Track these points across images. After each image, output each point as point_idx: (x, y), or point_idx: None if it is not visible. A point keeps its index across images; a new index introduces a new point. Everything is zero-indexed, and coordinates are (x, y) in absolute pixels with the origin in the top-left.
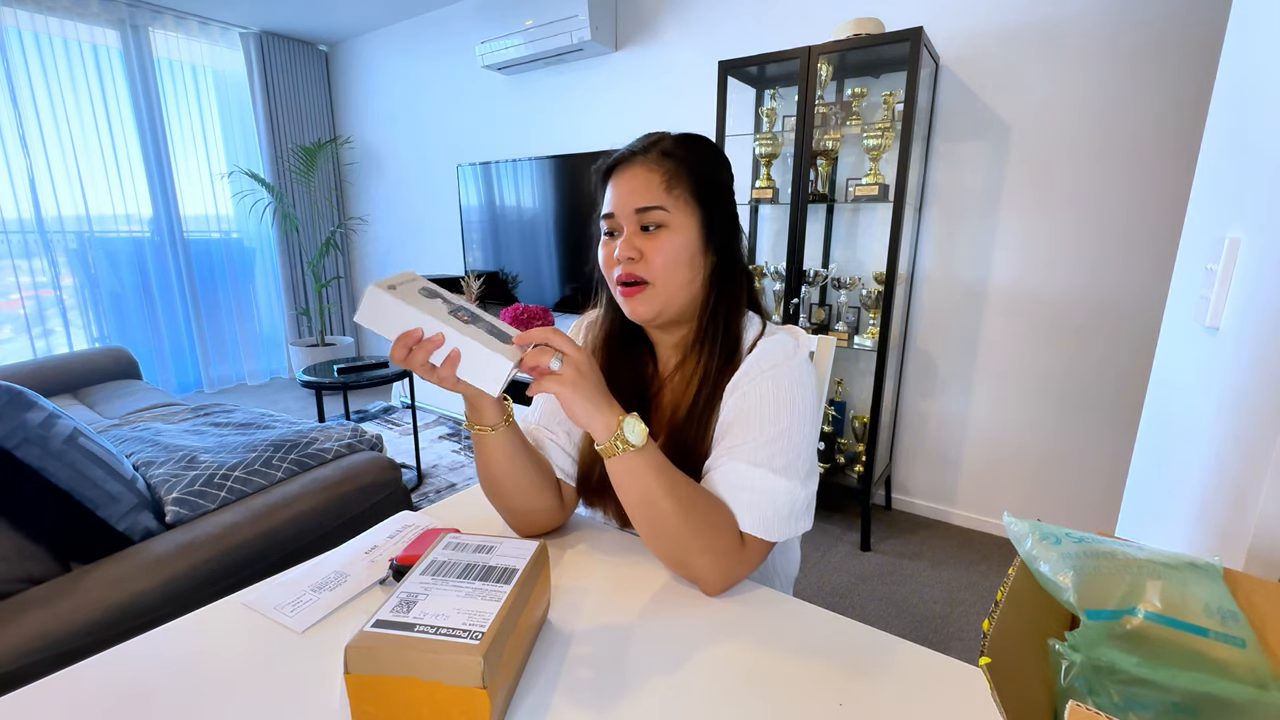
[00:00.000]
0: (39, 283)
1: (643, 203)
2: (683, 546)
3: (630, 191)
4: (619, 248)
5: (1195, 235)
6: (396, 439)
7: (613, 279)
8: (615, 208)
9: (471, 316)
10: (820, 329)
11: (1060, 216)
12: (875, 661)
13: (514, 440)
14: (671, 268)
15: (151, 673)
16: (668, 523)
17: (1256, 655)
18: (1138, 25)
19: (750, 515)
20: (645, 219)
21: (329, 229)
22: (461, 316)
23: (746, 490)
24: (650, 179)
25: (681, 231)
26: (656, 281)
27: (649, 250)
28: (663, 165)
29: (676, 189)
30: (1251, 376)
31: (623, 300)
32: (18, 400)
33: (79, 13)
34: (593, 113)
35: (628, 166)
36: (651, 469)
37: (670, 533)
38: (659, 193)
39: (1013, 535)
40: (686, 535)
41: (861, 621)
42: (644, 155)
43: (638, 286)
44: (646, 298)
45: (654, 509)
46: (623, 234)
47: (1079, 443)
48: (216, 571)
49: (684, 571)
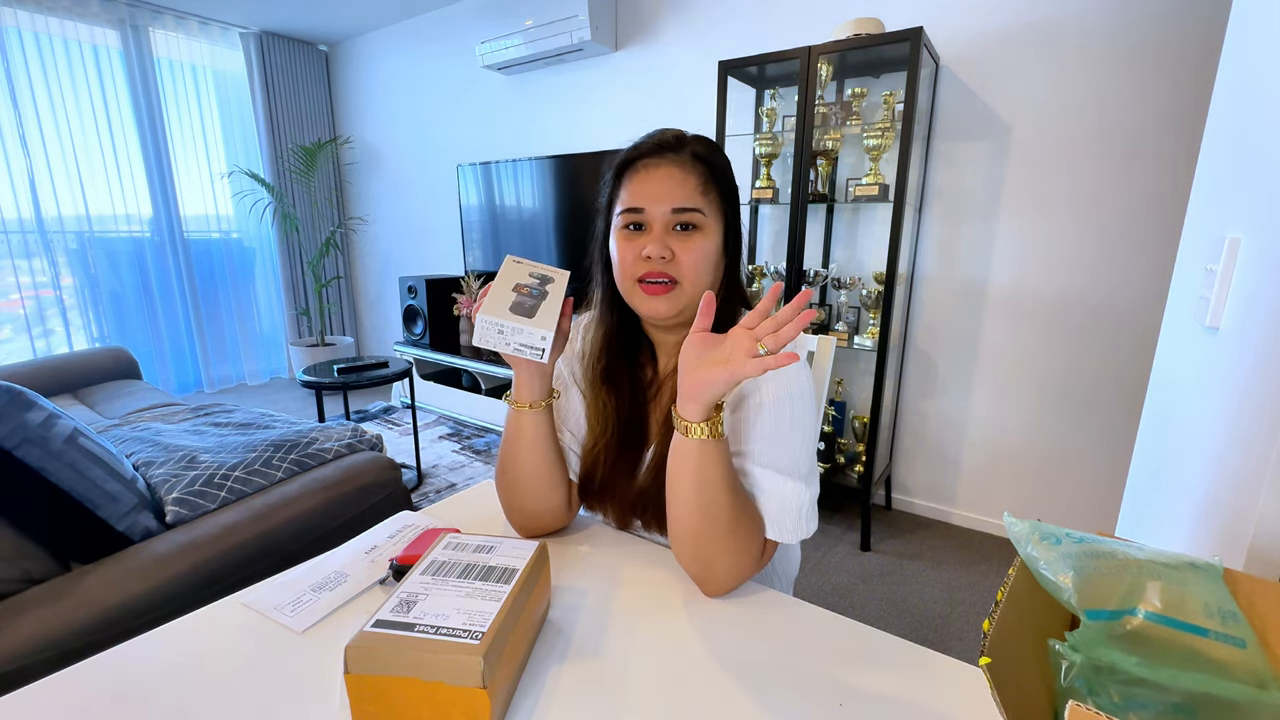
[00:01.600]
0: (39, 283)
1: (681, 203)
2: (719, 545)
3: (667, 191)
4: (651, 245)
5: (1195, 235)
6: (396, 439)
7: (633, 275)
8: (646, 203)
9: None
10: (820, 329)
11: (1060, 216)
12: (875, 661)
13: (544, 427)
14: (700, 269)
15: (151, 673)
16: (717, 520)
17: (1256, 655)
18: (1138, 25)
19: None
20: (682, 219)
21: (329, 229)
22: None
23: (757, 493)
24: (687, 180)
25: (711, 235)
26: (685, 281)
27: (680, 250)
28: (698, 168)
29: (711, 193)
30: (1251, 376)
31: (644, 298)
32: (18, 400)
33: (79, 13)
34: (593, 113)
35: (658, 164)
36: (720, 460)
37: (715, 530)
38: (696, 195)
39: (1013, 535)
40: (726, 535)
41: (861, 621)
42: (676, 155)
43: (664, 286)
44: (673, 297)
45: (709, 503)
46: (648, 230)
47: (1079, 443)
48: (216, 571)
49: (700, 568)
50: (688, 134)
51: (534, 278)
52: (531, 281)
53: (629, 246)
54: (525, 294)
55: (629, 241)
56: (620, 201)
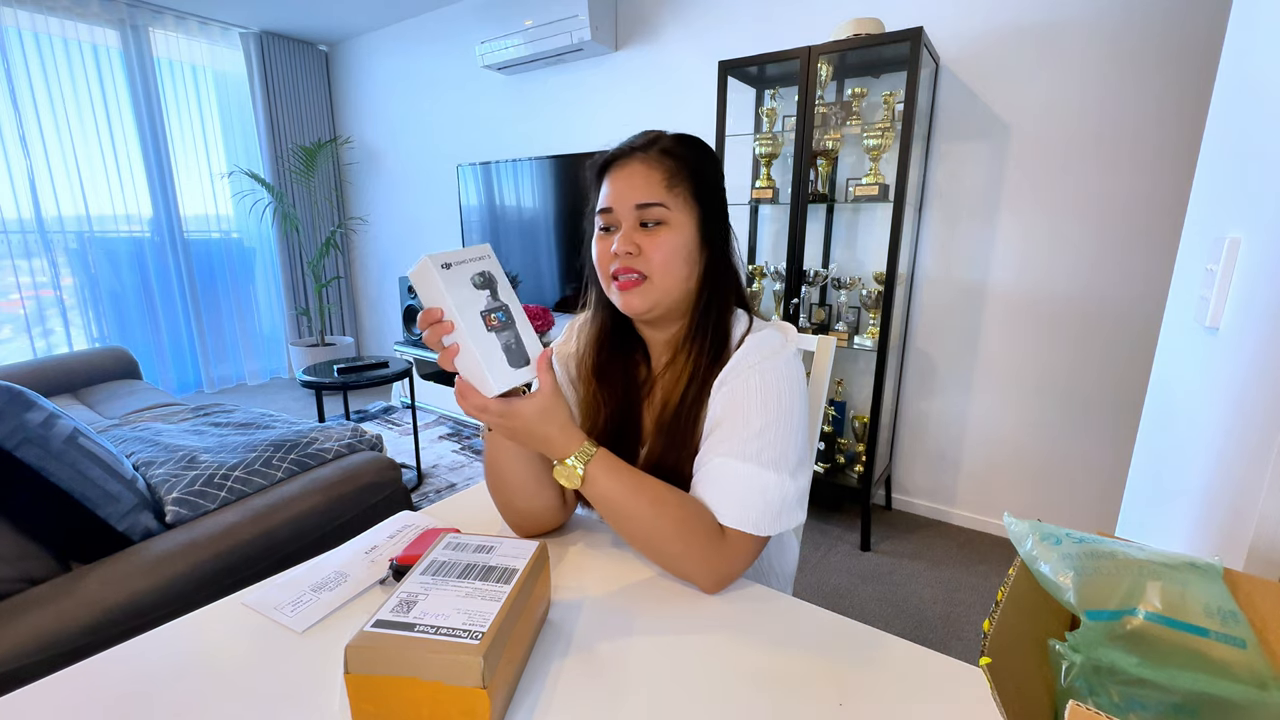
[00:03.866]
0: (39, 283)
1: (643, 199)
2: (662, 548)
3: (631, 188)
4: (617, 242)
5: (1195, 235)
6: (396, 439)
7: (608, 273)
8: (614, 203)
9: (503, 322)
10: (820, 329)
11: (1060, 216)
12: (875, 661)
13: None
14: (670, 264)
15: (151, 673)
16: (640, 526)
17: (1256, 655)
18: (1138, 25)
19: (735, 510)
20: (646, 215)
21: (329, 229)
22: (491, 320)
23: (732, 484)
24: (651, 176)
25: (680, 229)
26: (654, 276)
27: (648, 246)
28: (664, 163)
29: (677, 187)
30: (1251, 376)
31: (617, 294)
32: (18, 400)
33: (79, 13)
34: (593, 113)
35: (627, 163)
36: (607, 475)
37: (645, 535)
38: (660, 190)
39: (1013, 535)
40: (661, 536)
41: (861, 621)
42: (644, 152)
43: (634, 281)
44: (643, 291)
45: (622, 515)
46: (620, 229)
47: (1079, 443)
48: (216, 571)
49: (675, 571)
50: (667, 133)
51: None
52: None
53: (602, 245)
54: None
55: (602, 241)
56: (594, 203)
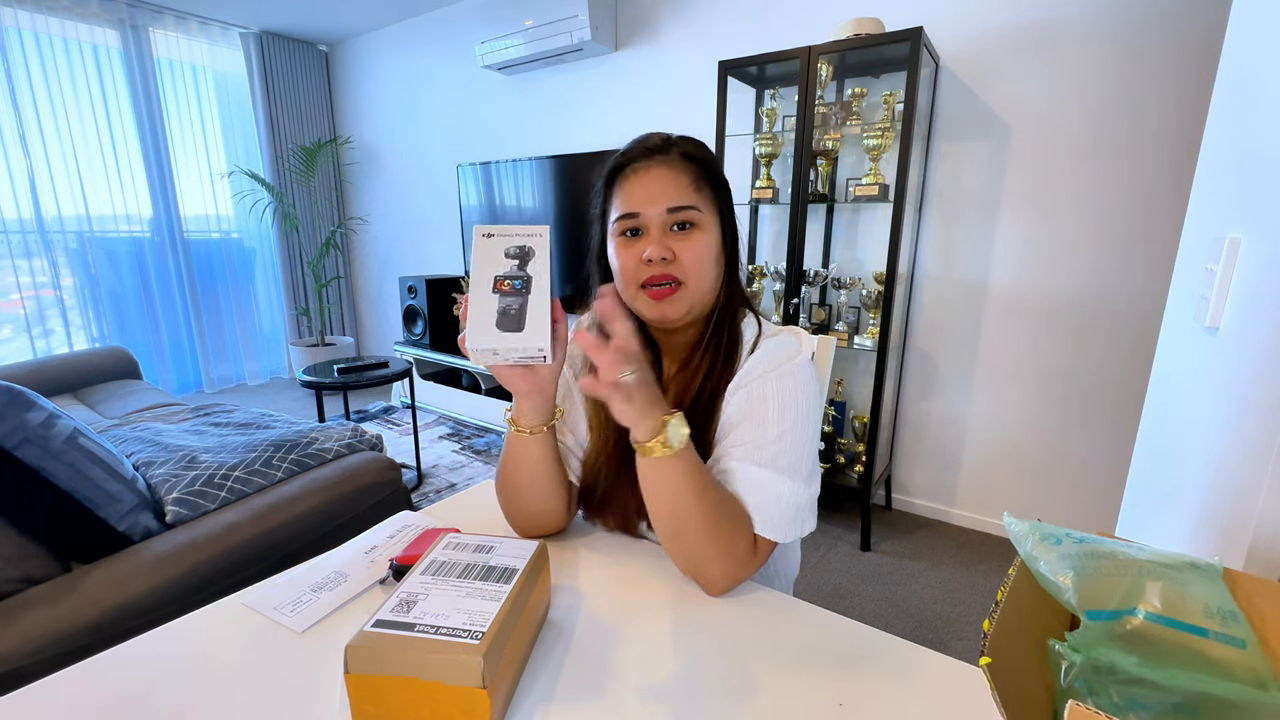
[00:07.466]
0: (39, 283)
1: (676, 202)
2: (701, 550)
3: (661, 191)
4: (651, 249)
5: (1195, 235)
6: (396, 439)
7: (635, 281)
8: (641, 206)
9: (515, 290)
10: (820, 329)
11: (1060, 216)
12: (875, 661)
13: (547, 448)
14: (704, 267)
15: (151, 673)
16: (691, 526)
17: (1256, 655)
18: (1138, 25)
19: (758, 516)
20: (679, 218)
21: (329, 229)
22: (502, 284)
23: (755, 490)
24: (679, 179)
25: (710, 231)
26: (689, 281)
27: (681, 250)
28: (688, 166)
29: (703, 190)
30: (1251, 376)
31: (649, 303)
32: (18, 400)
33: (79, 13)
34: (593, 113)
35: (648, 166)
36: (682, 471)
37: (692, 536)
38: (689, 192)
39: (1013, 535)
40: (705, 540)
41: (861, 621)
42: (664, 155)
43: (670, 288)
44: (679, 298)
45: (679, 512)
46: (646, 235)
47: (1079, 443)
48: (216, 571)
49: (694, 572)
50: (674, 135)
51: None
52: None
53: (628, 253)
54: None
55: (628, 248)
56: (615, 209)
